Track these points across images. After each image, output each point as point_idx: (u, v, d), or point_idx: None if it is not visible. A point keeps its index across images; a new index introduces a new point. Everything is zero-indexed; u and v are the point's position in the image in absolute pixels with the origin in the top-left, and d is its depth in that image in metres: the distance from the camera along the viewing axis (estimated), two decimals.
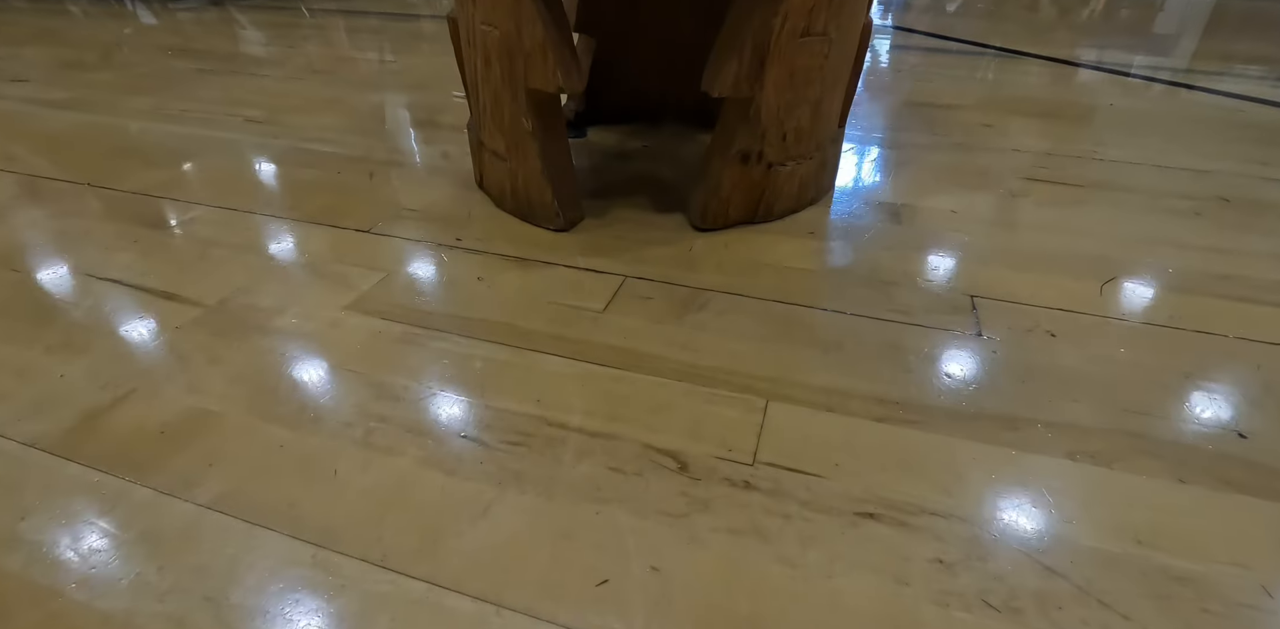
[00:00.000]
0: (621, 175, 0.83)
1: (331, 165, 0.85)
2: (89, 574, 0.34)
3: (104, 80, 1.23)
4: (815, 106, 0.66)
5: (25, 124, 1.00)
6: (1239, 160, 0.92)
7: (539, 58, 0.60)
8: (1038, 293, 0.59)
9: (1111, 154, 0.93)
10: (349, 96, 1.14)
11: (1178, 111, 1.12)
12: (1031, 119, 1.07)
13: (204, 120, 1.02)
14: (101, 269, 0.61)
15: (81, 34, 1.68)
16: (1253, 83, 1.31)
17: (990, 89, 1.23)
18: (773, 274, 0.61)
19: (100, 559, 0.35)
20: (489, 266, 0.62)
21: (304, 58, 1.41)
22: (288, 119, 1.02)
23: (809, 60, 0.62)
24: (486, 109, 0.68)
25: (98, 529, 0.36)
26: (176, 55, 1.43)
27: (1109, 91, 1.23)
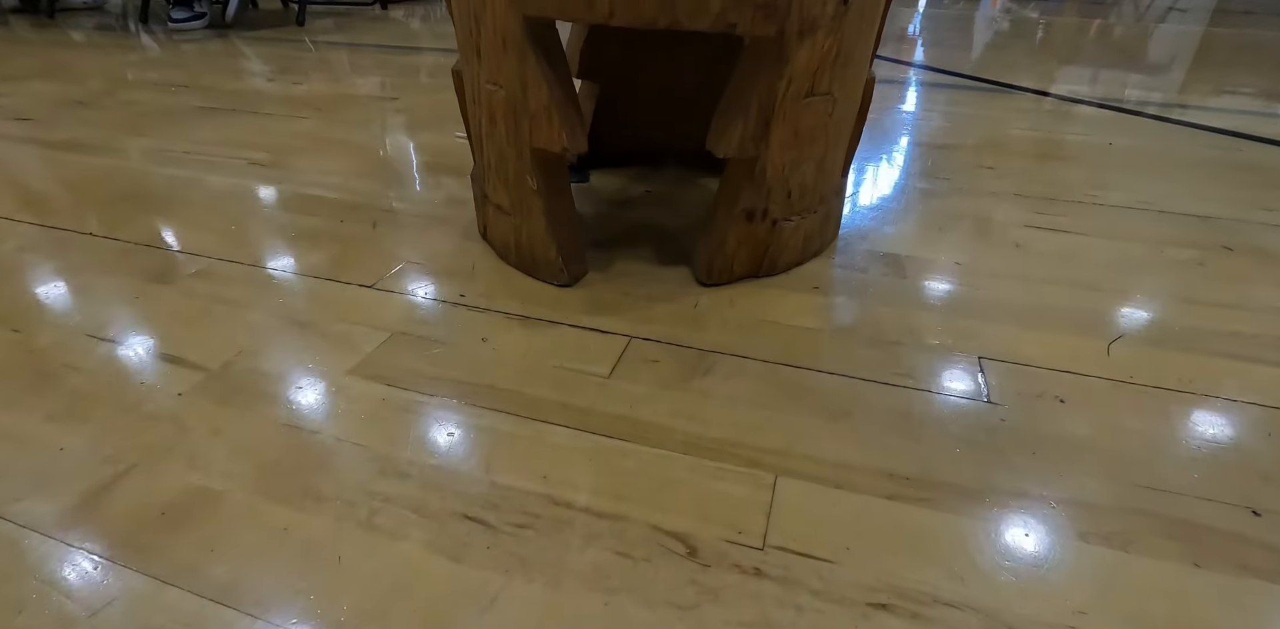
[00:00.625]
0: (625, 223, 0.83)
1: (335, 213, 0.85)
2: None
3: (107, 119, 1.24)
4: (820, 163, 0.67)
5: (28, 168, 1.00)
6: (1240, 205, 0.92)
7: (544, 119, 0.60)
8: (1045, 353, 0.59)
9: (1113, 199, 0.93)
10: (352, 137, 1.14)
11: (1177, 151, 1.12)
12: (1031, 160, 1.07)
13: (207, 163, 1.02)
14: (103, 329, 0.61)
15: (86, 67, 1.69)
16: (1249, 118, 1.32)
17: (989, 127, 1.24)
18: (778, 333, 0.61)
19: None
20: (493, 326, 0.61)
21: (307, 95, 1.42)
22: (291, 162, 1.02)
23: (813, 120, 0.62)
24: (491, 164, 0.68)
25: (98, 627, 0.36)
26: (179, 92, 1.44)
27: (1107, 128, 1.24)
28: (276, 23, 2.45)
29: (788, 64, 0.57)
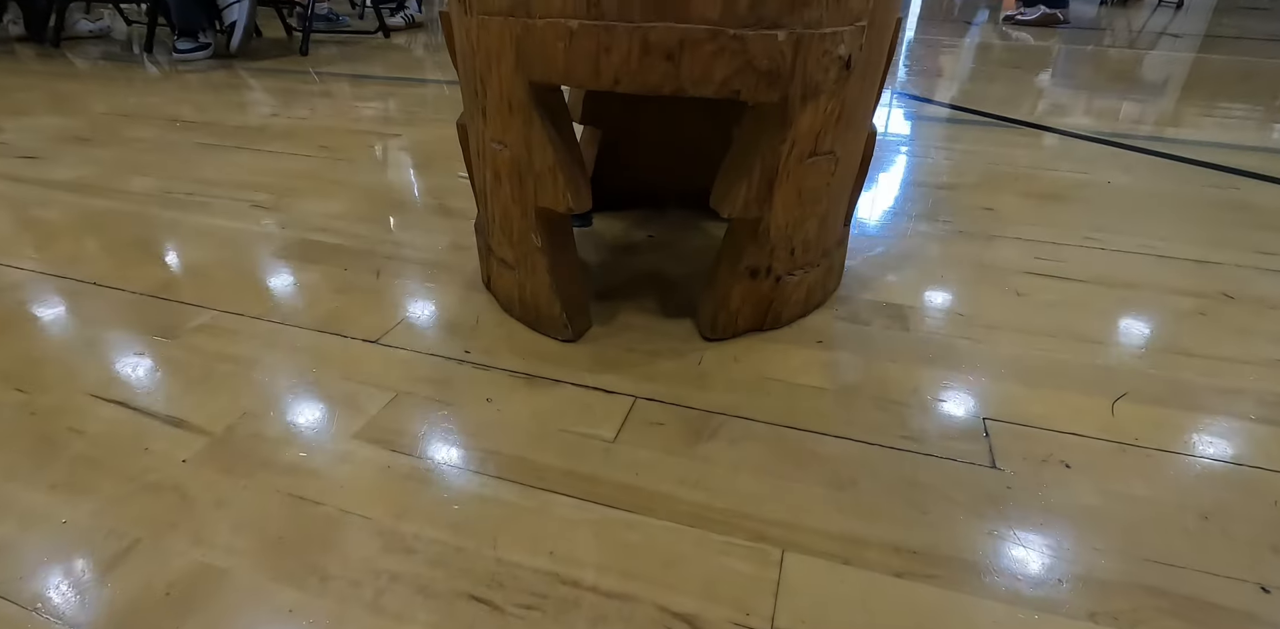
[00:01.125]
0: (628, 272, 0.83)
1: (339, 260, 0.85)
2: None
3: (111, 157, 1.25)
4: (822, 219, 0.67)
5: (32, 211, 1.01)
6: (1238, 248, 0.93)
7: (549, 179, 0.61)
8: (1050, 414, 0.59)
9: (1113, 242, 0.94)
10: (355, 176, 1.15)
11: (1174, 190, 1.13)
12: (1030, 200, 1.08)
13: (211, 205, 1.03)
14: (107, 389, 0.61)
15: (91, 101, 1.70)
16: (1245, 154, 1.33)
17: (987, 164, 1.25)
18: (783, 393, 0.61)
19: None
20: (498, 385, 0.61)
21: (310, 130, 1.43)
22: (295, 204, 1.02)
23: (817, 180, 0.63)
24: (495, 219, 0.69)
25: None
26: (183, 127, 1.45)
27: (1105, 165, 1.25)
28: (280, 52, 2.47)
29: (791, 127, 0.58)
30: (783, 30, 0.53)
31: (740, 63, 0.54)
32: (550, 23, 0.54)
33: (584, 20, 0.53)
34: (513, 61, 0.57)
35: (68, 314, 0.73)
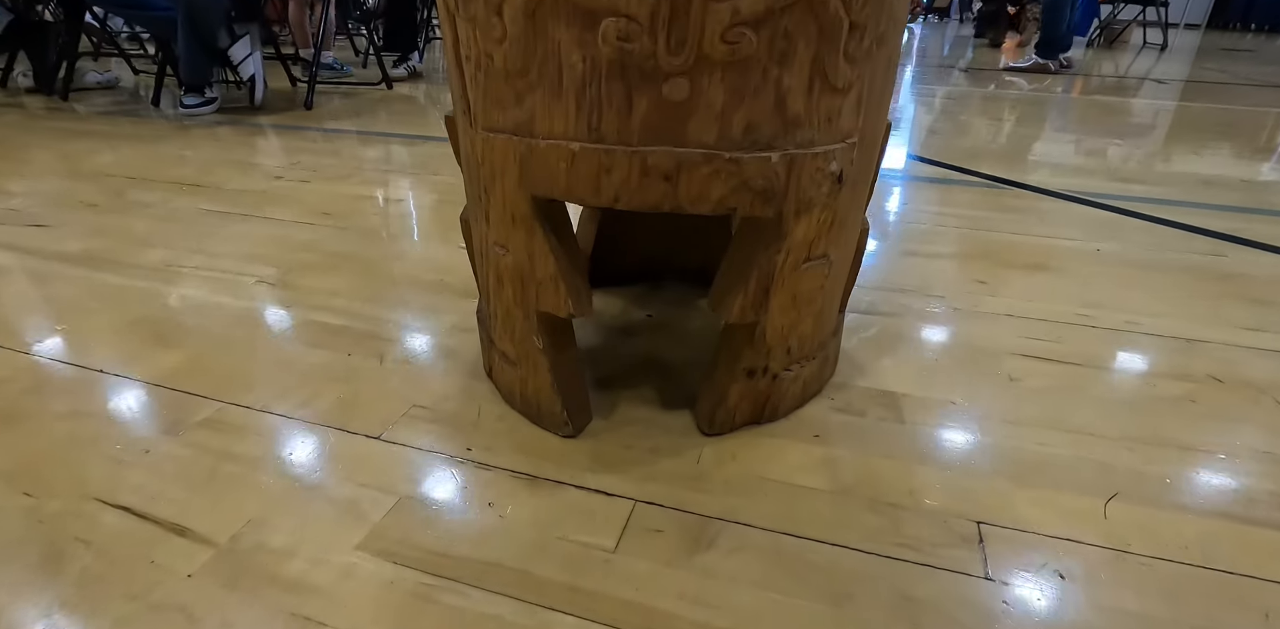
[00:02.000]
0: (627, 357, 0.84)
1: (343, 344, 0.86)
2: None
3: (119, 226, 1.27)
4: (818, 316, 0.69)
5: (41, 288, 1.02)
6: (1226, 325, 0.95)
7: (551, 287, 0.62)
8: (1043, 516, 0.60)
9: (1103, 319, 0.95)
10: (358, 248, 1.17)
11: (1162, 258, 1.15)
12: (1021, 271, 1.10)
13: (216, 281, 1.04)
14: (113, 492, 0.62)
15: (99, 160, 1.73)
16: (1231, 217, 1.36)
17: (979, 230, 1.27)
18: (780, 495, 0.62)
19: None
20: (499, 488, 0.62)
21: (314, 196, 1.46)
22: (300, 280, 1.04)
23: (811, 283, 0.65)
24: (497, 316, 0.70)
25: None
26: (190, 191, 1.48)
27: (1094, 230, 1.27)
28: (285, 105, 2.52)
29: (785, 239, 0.60)
30: (776, 152, 0.56)
31: (736, 183, 0.56)
32: (553, 144, 0.56)
33: (585, 143, 0.55)
34: (516, 177, 0.59)
35: (72, 406, 0.74)
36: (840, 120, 0.58)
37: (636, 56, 0.51)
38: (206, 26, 2.15)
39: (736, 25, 0.50)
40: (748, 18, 0.50)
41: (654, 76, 0.52)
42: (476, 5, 0.54)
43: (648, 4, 0.49)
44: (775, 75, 0.53)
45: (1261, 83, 3.71)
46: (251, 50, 2.28)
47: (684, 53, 0.51)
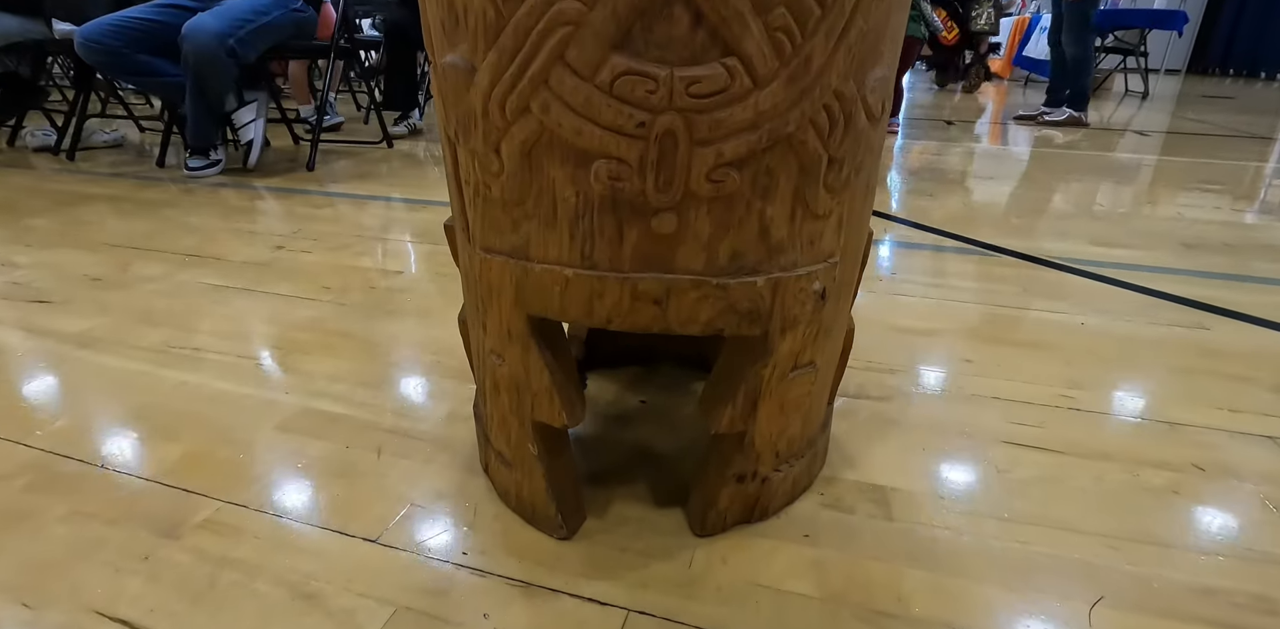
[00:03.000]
0: (621, 448, 0.86)
1: (341, 434, 0.88)
2: None
3: (121, 303, 1.29)
4: (805, 418, 0.71)
5: (43, 373, 1.04)
6: (1207, 406, 0.97)
7: (545, 398, 0.64)
8: (1029, 625, 0.61)
9: (1087, 401, 0.97)
10: (358, 328, 1.19)
11: (1145, 331, 1.18)
12: (1007, 349, 1.13)
13: (217, 364, 1.06)
14: (112, 603, 0.63)
15: (106, 228, 1.77)
16: (1214, 285, 1.39)
17: (966, 302, 1.30)
18: (770, 603, 0.63)
19: None
20: (495, 596, 0.63)
21: (315, 268, 1.49)
22: (300, 363, 1.06)
23: (799, 390, 0.67)
24: (493, 417, 0.72)
25: None
26: (192, 262, 1.51)
27: (1079, 300, 1.30)
28: (288, 165, 2.58)
29: (771, 354, 0.62)
30: (761, 276, 0.58)
31: (723, 306, 0.58)
32: (547, 269, 0.59)
33: (578, 269, 0.58)
34: (512, 297, 0.62)
35: (72, 507, 0.75)
36: (822, 242, 0.61)
37: (627, 193, 0.54)
38: (215, 93, 2.21)
39: (721, 166, 0.53)
40: (731, 159, 0.53)
41: (643, 211, 0.55)
42: (476, 139, 0.57)
43: (637, 148, 0.52)
44: (759, 207, 0.56)
45: (1241, 133, 3.81)
46: (256, 116, 2.34)
47: (672, 191, 0.54)
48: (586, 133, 0.52)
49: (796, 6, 0.49)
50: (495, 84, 0.53)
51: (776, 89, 0.51)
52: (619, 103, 0.51)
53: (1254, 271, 1.54)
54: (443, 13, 0.56)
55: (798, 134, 0.54)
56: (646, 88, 0.50)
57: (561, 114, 0.52)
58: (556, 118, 0.52)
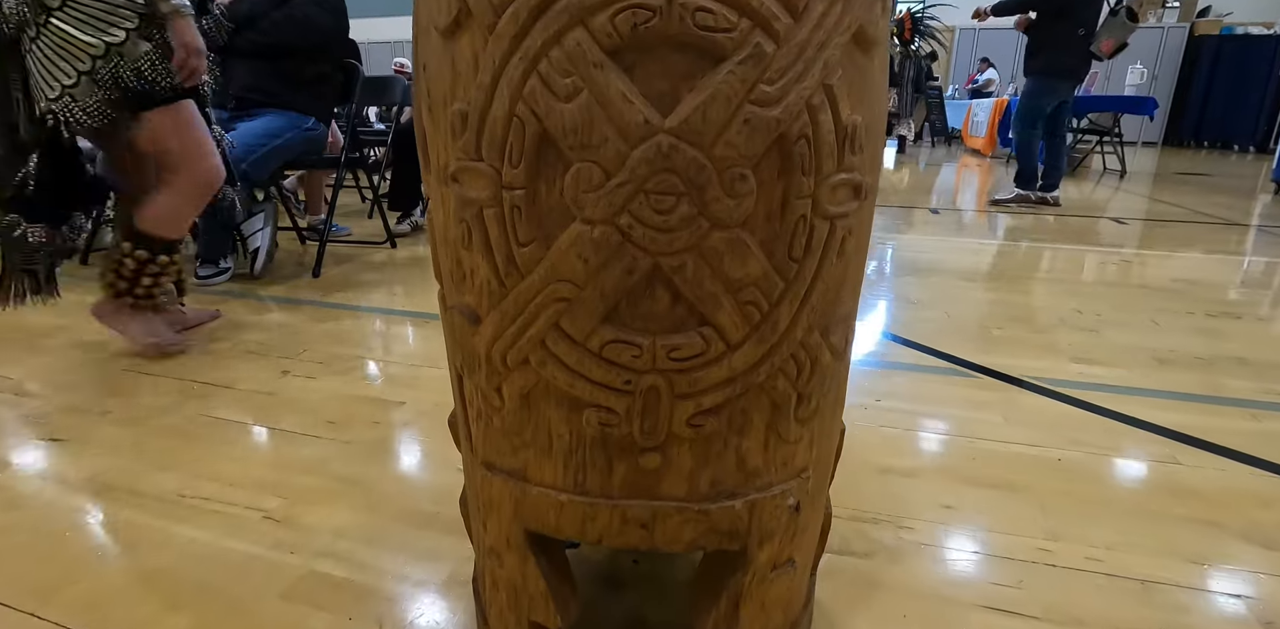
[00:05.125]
0: (613, 619, 0.89)
1: (344, 603, 0.91)
2: None
3: (131, 441, 1.34)
4: (787, 607, 0.75)
5: (55, 530, 1.08)
6: (1178, 558, 1.00)
7: (541, 601, 0.69)
8: None
9: (1063, 555, 1.01)
10: (362, 472, 1.23)
11: (1120, 468, 1.23)
12: (986, 492, 1.17)
13: (225, 517, 1.10)
14: None
15: (117, 351, 1.82)
16: (1185, 409, 1.44)
17: (947, 436, 1.35)
18: None
19: None
20: None
21: (319, 399, 1.54)
22: (304, 516, 1.10)
23: (779, 587, 0.71)
24: (492, 606, 0.76)
25: None
26: (201, 392, 1.56)
27: (1055, 430, 1.35)
28: (294, 271, 2.67)
29: (750, 564, 0.67)
30: (739, 499, 0.64)
31: (704, 528, 0.64)
32: (543, 492, 0.64)
33: (572, 495, 0.63)
34: (511, 512, 0.67)
35: None
36: (795, 461, 0.66)
37: (615, 436, 0.60)
38: (227, 212, 2.31)
39: (699, 414, 0.59)
40: (709, 407, 0.59)
41: (631, 449, 0.61)
42: (479, 377, 0.64)
43: (624, 400, 0.59)
44: (735, 442, 0.62)
45: (1216, 219, 3.94)
46: (264, 226, 2.44)
47: (656, 435, 0.60)
48: (579, 386, 0.59)
49: (764, 283, 0.56)
50: (498, 338, 0.60)
51: (748, 350, 0.58)
52: (608, 364, 0.57)
53: (1225, 391, 1.60)
54: (452, 265, 0.63)
55: (768, 381, 0.60)
56: (632, 353, 0.57)
57: (556, 369, 0.59)
58: (552, 372, 0.59)
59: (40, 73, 1.44)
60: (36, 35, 1.42)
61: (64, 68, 1.43)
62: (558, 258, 0.55)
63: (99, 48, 1.43)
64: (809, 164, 0.53)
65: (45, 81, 1.44)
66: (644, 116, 0.50)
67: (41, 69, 1.44)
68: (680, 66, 0.50)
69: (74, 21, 1.41)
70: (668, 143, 0.50)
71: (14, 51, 1.45)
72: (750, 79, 0.50)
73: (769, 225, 0.55)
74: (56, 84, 1.44)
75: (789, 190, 0.54)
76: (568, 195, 0.53)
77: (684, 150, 0.51)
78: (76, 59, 1.43)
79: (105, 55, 1.44)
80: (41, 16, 1.40)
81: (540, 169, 0.53)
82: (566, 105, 0.50)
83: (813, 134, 0.53)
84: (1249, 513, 1.13)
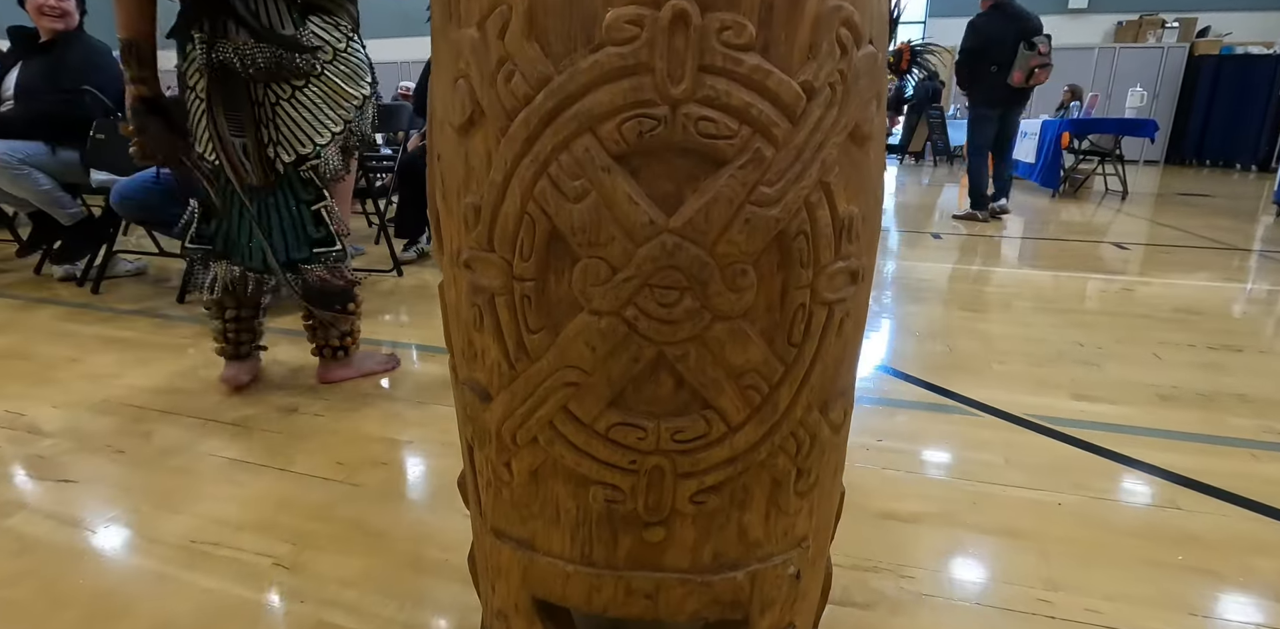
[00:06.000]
0: None
1: None
2: None
3: (142, 483, 1.36)
4: None
5: (68, 584, 1.09)
6: (1179, 610, 1.01)
7: None
8: None
9: (1063, 607, 1.02)
10: (371, 516, 1.25)
11: (1119, 516, 1.24)
12: (988, 539, 1.18)
13: (235, 564, 1.11)
14: None
15: (130, 383, 1.84)
16: (1186, 450, 1.45)
17: (950, 478, 1.36)
18: None
19: None
20: None
21: (330, 434, 1.56)
22: (313, 563, 1.12)
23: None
24: None
25: None
26: (212, 429, 1.58)
27: (1056, 473, 1.36)
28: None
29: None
30: (741, 570, 0.66)
31: (708, 599, 0.65)
32: (551, 562, 0.66)
33: (578, 565, 0.65)
34: (519, 580, 0.68)
35: None
36: (795, 531, 0.68)
37: (621, 511, 0.62)
38: None
39: (702, 491, 0.61)
40: (711, 485, 0.61)
41: (635, 523, 0.63)
42: (490, 450, 0.66)
43: (630, 479, 0.61)
44: (737, 516, 0.64)
45: (1219, 244, 3.96)
46: None
47: (660, 511, 0.62)
48: (586, 465, 0.61)
49: (764, 368, 0.58)
50: (508, 417, 0.62)
51: (749, 431, 0.60)
52: (613, 445, 0.59)
53: (1225, 429, 1.61)
54: (463, 343, 0.66)
55: (769, 459, 0.62)
56: (637, 435, 0.59)
57: (564, 449, 0.61)
58: (560, 451, 0.61)
59: (304, 121, 1.49)
60: (305, 85, 1.46)
61: (332, 116, 1.51)
62: (566, 345, 0.57)
63: (359, 99, 1.54)
64: (808, 257, 0.56)
65: (313, 128, 1.50)
66: (649, 217, 0.52)
67: (305, 118, 1.49)
68: (684, 169, 0.53)
69: (343, 74, 1.50)
70: (672, 242, 0.53)
71: (237, 102, 1.44)
72: (750, 181, 0.52)
73: (769, 314, 0.57)
74: (326, 131, 1.51)
75: (788, 281, 0.56)
76: (576, 288, 0.55)
77: (687, 248, 0.53)
78: (342, 108, 1.52)
79: (362, 105, 1.55)
80: (317, 67, 1.46)
81: (550, 262, 0.56)
82: (575, 205, 0.53)
83: (810, 229, 0.55)
84: (1246, 560, 1.14)
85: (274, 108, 1.47)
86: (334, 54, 1.49)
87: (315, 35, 1.45)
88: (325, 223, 1.60)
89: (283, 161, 1.50)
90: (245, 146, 1.46)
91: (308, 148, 1.51)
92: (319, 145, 1.51)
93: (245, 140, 1.46)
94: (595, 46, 0.50)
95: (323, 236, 1.61)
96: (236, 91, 1.43)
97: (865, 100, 0.57)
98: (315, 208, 1.58)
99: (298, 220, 1.57)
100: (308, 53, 1.43)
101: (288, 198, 1.55)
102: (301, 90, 1.47)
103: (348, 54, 1.51)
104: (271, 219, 1.55)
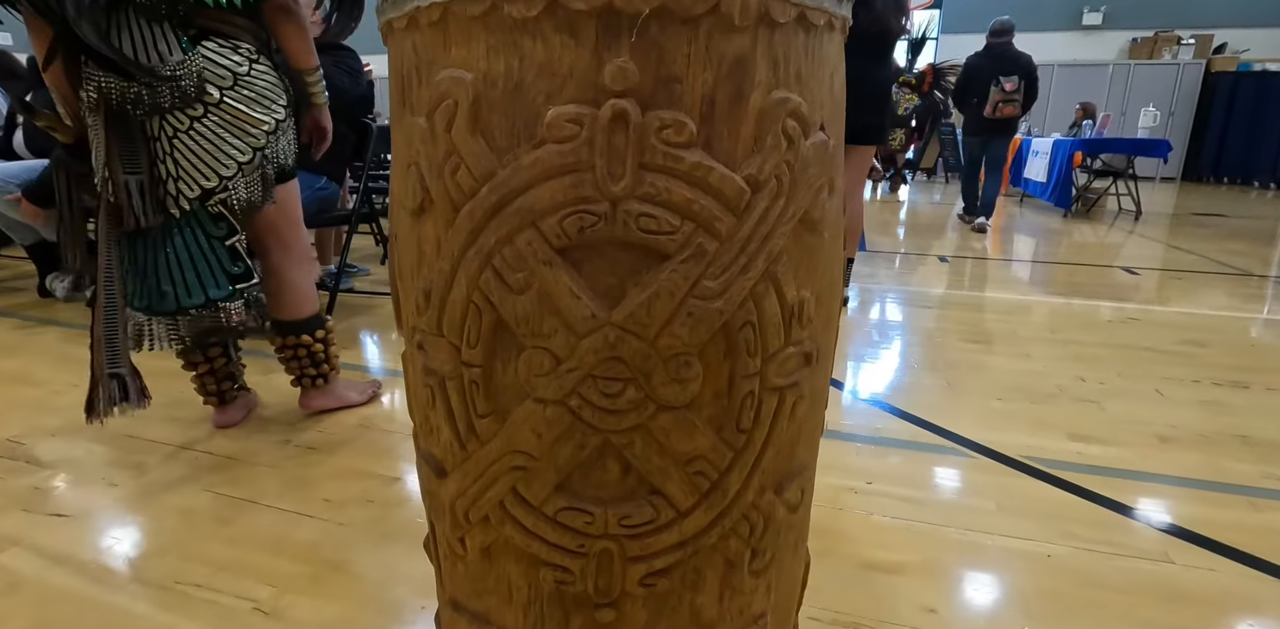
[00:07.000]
0: None
1: None
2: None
3: (132, 518, 1.37)
4: None
5: (55, 619, 1.10)
6: None
7: None
8: None
9: None
10: (352, 558, 1.25)
11: (1109, 571, 1.22)
12: (972, 594, 1.17)
13: (215, 609, 1.12)
14: None
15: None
16: (1182, 497, 1.43)
17: (934, 525, 1.35)
18: None
19: None
20: None
21: (319, 470, 1.57)
22: (294, 608, 1.12)
23: None
24: None
25: None
26: (208, 465, 1.59)
27: (1046, 520, 1.34)
28: None
29: None
30: None
31: None
32: None
33: None
34: None
35: None
36: (752, 608, 0.68)
37: (571, 592, 0.62)
38: None
39: (651, 574, 0.61)
40: (661, 568, 0.61)
41: (586, 604, 0.62)
42: (445, 527, 0.66)
43: (579, 561, 0.60)
44: (689, 598, 0.63)
45: (1232, 269, 3.90)
46: None
47: (609, 593, 0.61)
48: (535, 546, 0.61)
49: (712, 454, 0.58)
50: (460, 495, 0.62)
51: (698, 516, 0.60)
52: (562, 528, 0.59)
53: (1225, 475, 1.58)
54: (420, 417, 0.66)
55: (720, 542, 0.62)
56: (585, 520, 0.59)
57: (514, 530, 0.61)
58: (510, 532, 0.61)
59: (205, 153, 1.38)
60: (203, 114, 1.35)
61: (238, 145, 1.40)
62: (513, 431, 0.57)
63: (270, 125, 1.43)
64: (754, 346, 0.56)
65: (215, 160, 1.38)
66: (590, 310, 0.53)
67: (207, 149, 1.37)
68: (626, 263, 0.53)
69: (246, 100, 1.39)
70: (614, 334, 0.53)
71: (130, 137, 1.34)
72: (693, 275, 0.52)
73: (716, 402, 0.57)
74: (231, 162, 1.40)
75: (735, 370, 0.56)
76: (521, 376, 0.55)
77: (630, 341, 0.53)
78: (250, 136, 1.41)
79: (274, 132, 1.44)
80: (214, 96, 1.34)
81: (496, 350, 0.56)
82: (519, 297, 0.53)
83: (757, 319, 0.55)
84: (1238, 619, 1.11)
85: (171, 141, 1.35)
86: (234, 79, 1.36)
87: (208, 60, 1.33)
88: (243, 257, 1.50)
89: (186, 197, 1.40)
90: (142, 184, 1.34)
91: (212, 181, 1.39)
92: (224, 178, 1.39)
93: (142, 177, 1.34)
94: (537, 143, 0.51)
95: (241, 272, 1.51)
96: (129, 127, 1.32)
97: (816, 188, 0.57)
98: (229, 243, 1.47)
99: (211, 257, 1.46)
100: (170, 82, 1.28)
101: (196, 234, 1.44)
102: (199, 120, 1.35)
103: (251, 78, 1.38)
104: (181, 257, 1.43)
